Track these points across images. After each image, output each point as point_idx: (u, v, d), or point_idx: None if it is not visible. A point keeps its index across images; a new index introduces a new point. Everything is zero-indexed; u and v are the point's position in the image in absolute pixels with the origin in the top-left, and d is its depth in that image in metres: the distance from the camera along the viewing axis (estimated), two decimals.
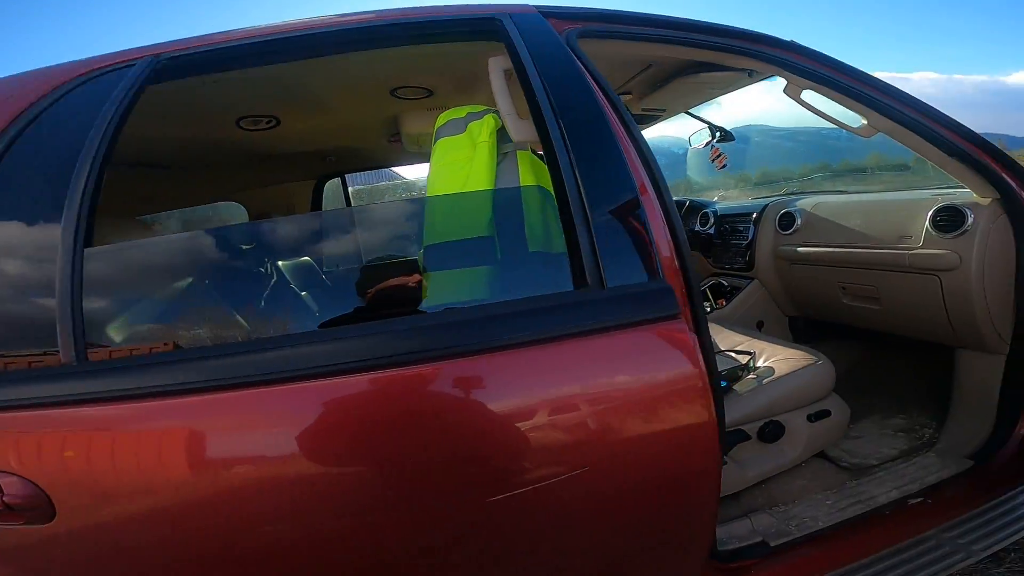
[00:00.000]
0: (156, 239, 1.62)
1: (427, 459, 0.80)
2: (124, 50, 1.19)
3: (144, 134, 1.73)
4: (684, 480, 0.90)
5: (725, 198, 3.12)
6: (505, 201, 1.12)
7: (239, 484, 0.78)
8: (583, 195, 0.88)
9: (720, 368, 1.64)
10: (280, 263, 1.77)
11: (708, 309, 2.45)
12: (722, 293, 2.54)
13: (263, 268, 1.65)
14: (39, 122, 1.05)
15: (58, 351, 0.87)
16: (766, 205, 2.41)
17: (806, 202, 2.23)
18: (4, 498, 0.86)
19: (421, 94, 1.72)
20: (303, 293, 1.74)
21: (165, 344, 0.99)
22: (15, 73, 1.18)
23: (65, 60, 1.20)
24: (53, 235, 0.94)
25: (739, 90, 2.07)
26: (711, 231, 2.67)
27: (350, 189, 2.90)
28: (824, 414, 1.55)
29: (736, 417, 1.47)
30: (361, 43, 1.18)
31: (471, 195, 1.13)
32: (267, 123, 1.81)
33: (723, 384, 1.52)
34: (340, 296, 1.87)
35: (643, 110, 2.23)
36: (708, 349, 0.94)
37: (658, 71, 1.85)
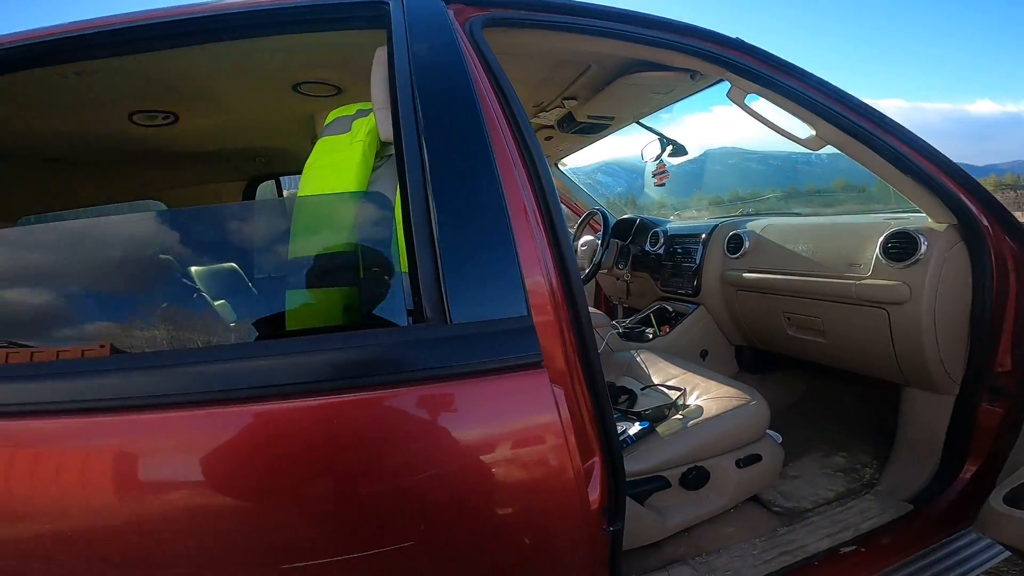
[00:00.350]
0: None
1: (211, 517, 0.63)
2: None
3: (27, 127, 1.57)
4: (549, 553, 0.74)
5: (696, 218, 2.99)
6: (372, 210, 0.96)
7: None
8: (431, 207, 0.71)
9: (647, 406, 1.50)
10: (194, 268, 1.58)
11: (650, 336, 2.31)
12: (667, 319, 2.38)
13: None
14: None
15: None
16: (715, 226, 2.27)
17: (756, 224, 2.09)
18: None
19: (329, 91, 1.56)
20: (219, 302, 1.56)
21: None
22: None
23: None
24: None
25: (686, 97, 1.94)
26: (660, 251, 2.52)
27: (287, 192, 2.73)
28: (754, 459, 1.41)
29: (656, 462, 1.31)
30: (225, 31, 1.03)
31: (332, 200, 0.96)
32: (164, 119, 1.63)
33: (645, 425, 1.37)
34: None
35: (589, 117, 2.09)
36: (602, 398, 0.80)
37: (599, 72, 1.71)
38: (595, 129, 2.26)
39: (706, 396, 1.50)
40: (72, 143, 1.74)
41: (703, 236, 2.27)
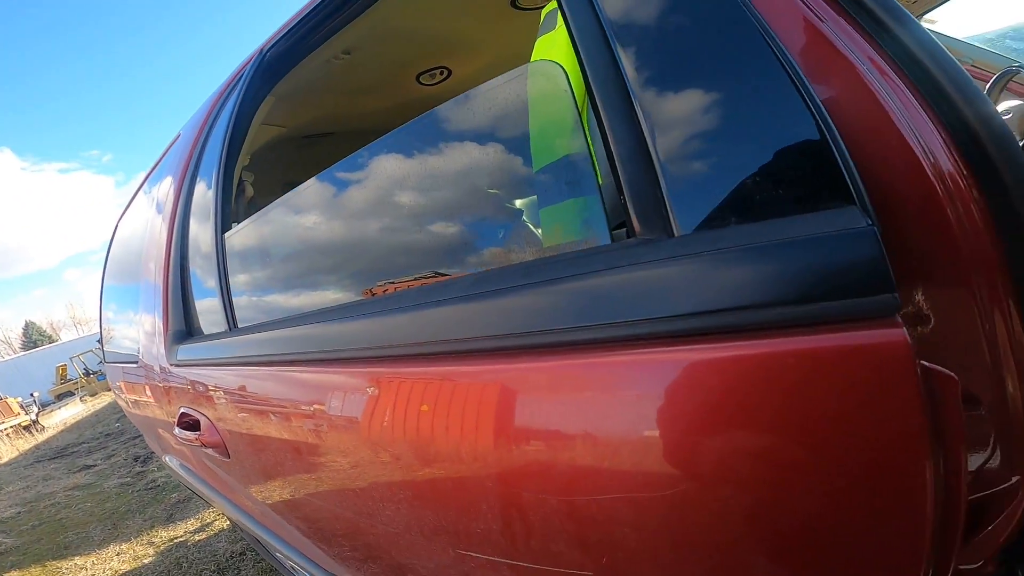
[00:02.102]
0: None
1: None
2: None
3: (351, 109, 1.88)
4: None
5: None
6: (546, 86, 0.70)
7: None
8: (622, 67, 0.46)
9: None
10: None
11: None
12: None
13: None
14: (208, 142, 1.24)
15: None
16: None
17: None
18: (202, 436, 1.08)
19: (540, 2, 1.37)
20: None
21: None
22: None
23: None
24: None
25: None
26: None
27: None
28: None
29: None
30: None
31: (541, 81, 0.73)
32: (441, 75, 1.73)
33: None
34: None
35: None
36: None
37: None
38: None
39: None
40: (384, 117, 2.03)
41: None
